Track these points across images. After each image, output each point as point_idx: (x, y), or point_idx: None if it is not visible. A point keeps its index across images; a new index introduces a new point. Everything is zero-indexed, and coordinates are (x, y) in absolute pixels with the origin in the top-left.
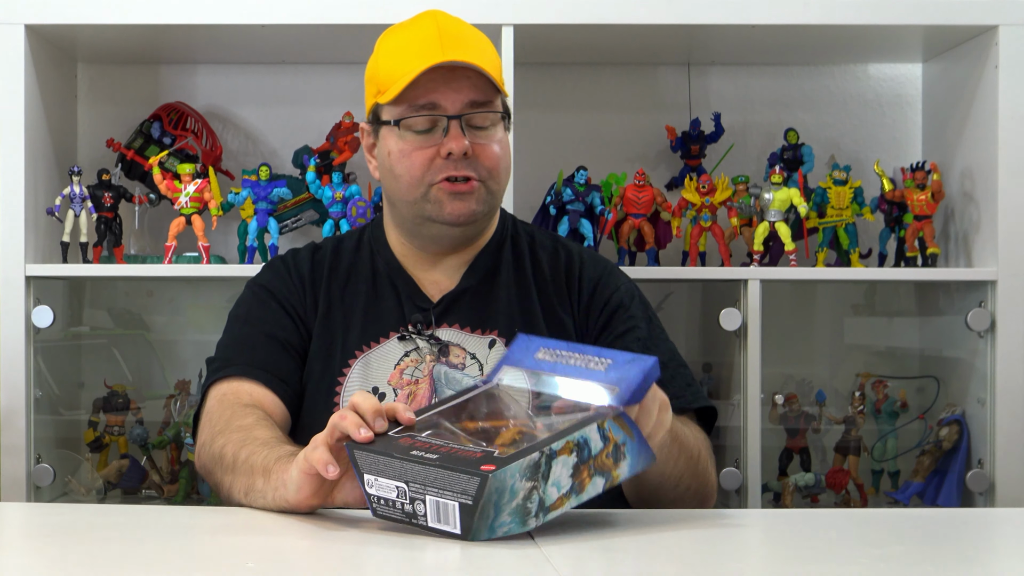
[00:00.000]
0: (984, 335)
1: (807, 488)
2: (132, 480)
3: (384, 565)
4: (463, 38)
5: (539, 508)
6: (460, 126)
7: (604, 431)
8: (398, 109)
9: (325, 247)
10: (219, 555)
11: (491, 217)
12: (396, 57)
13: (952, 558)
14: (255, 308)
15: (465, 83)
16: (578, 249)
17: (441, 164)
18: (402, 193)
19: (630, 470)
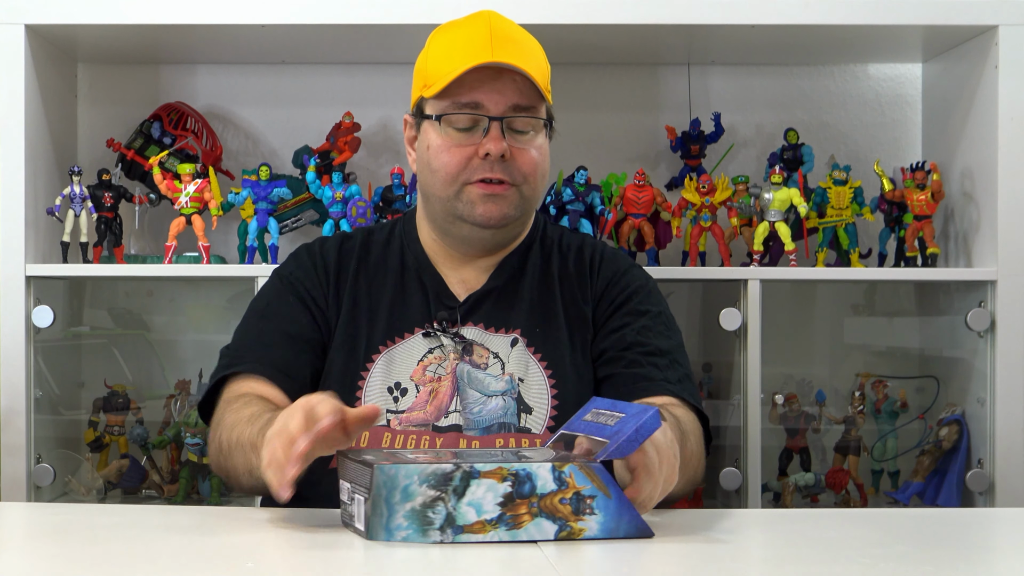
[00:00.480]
0: (984, 335)
1: (807, 488)
2: (132, 480)
3: (384, 565)
4: (514, 41)
5: (446, 523)
6: (501, 128)
7: (560, 473)
8: (442, 104)
9: (355, 237)
10: (219, 555)
11: (524, 222)
12: (446, 53)
13: (952, 558)
14: (274, 301)
15: (510, 86)
16: (601, 247)
17: (478, 164)
18: (437, 188)
19: (603, 531)
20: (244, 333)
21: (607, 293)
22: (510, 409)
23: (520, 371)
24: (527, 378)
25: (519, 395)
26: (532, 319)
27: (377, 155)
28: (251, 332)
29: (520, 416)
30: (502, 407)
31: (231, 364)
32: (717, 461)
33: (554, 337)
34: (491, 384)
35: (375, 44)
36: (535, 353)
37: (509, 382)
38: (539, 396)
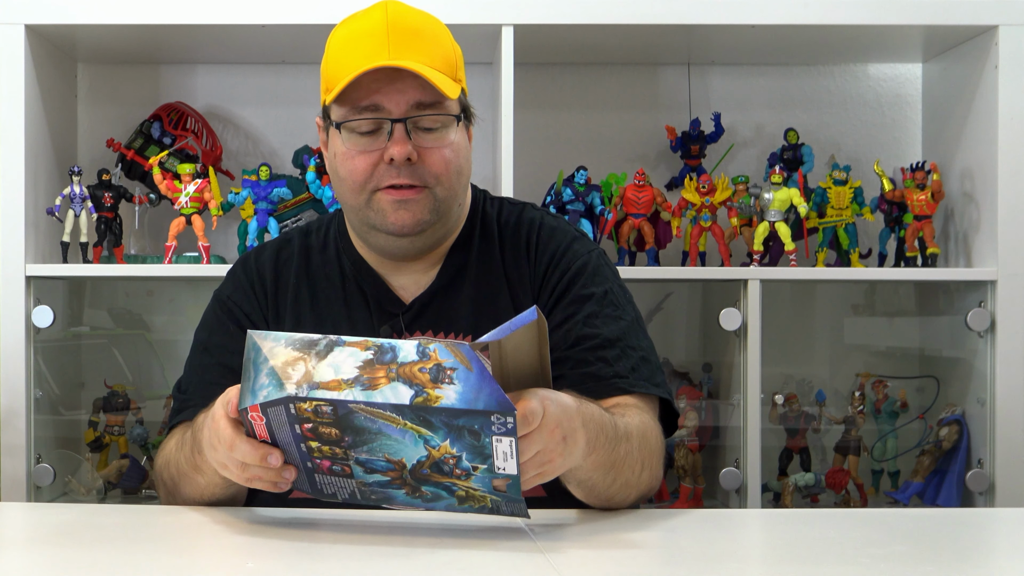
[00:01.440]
0: (984, 335)
1: (807, 488)
2: (132, 480)
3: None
4: (414, 32)
5: (303, 379)
6: (405, 129)
7: (424, 348)
8: (342, 110)
9: (292, 242)
10: (219, 555)
11: (445, 223)
12: (342, 53)
13: (952, 558)
14: (215, 332)
15: (411, 83)
16: (540, 219)
17: (384, 169)
18: (346, 197)
19: (461, 400)
20: (190, 369)
21: (547, 280)
22: None
23: None
24: None
25: None
26: (480, 317)
27: None
28: (196, 369)
29: None
30: None
31: (180, 409)
32: (717, 461)
33: None
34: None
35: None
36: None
37: None
38: None
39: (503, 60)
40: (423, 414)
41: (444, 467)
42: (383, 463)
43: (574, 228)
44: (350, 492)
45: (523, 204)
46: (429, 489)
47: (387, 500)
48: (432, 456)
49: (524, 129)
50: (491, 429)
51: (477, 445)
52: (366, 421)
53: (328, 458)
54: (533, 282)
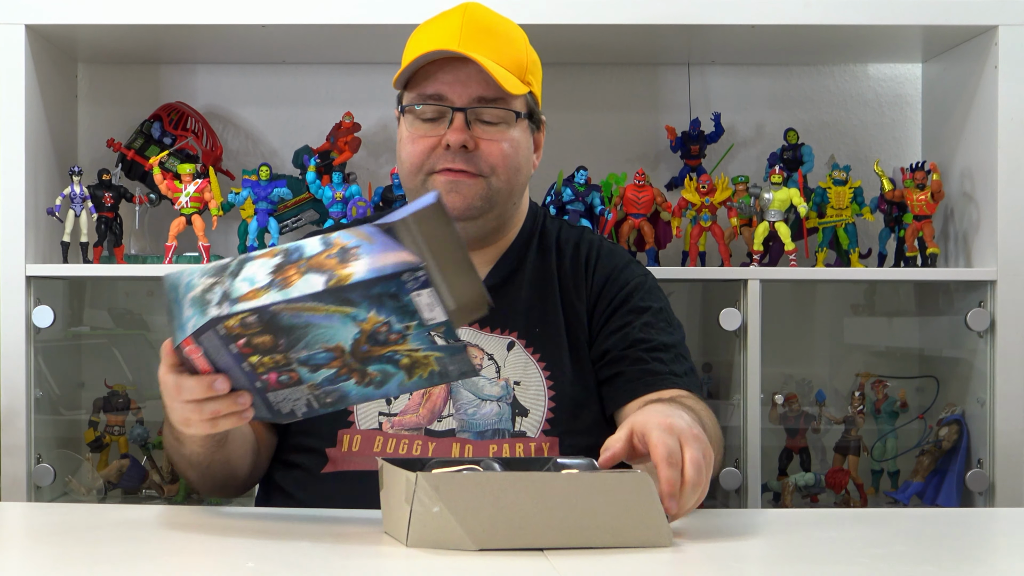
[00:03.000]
0: (984, 335)
1: (807, 488)
2: (132, 480)
3: (385, 565)
4: (487, 31)
5: (223, 299)
6: (464, 119)
7: (327, 238)
8: (410, 96)
9: None
10: (219, 555)
11: (500, 215)
12: (417, 45)
13: (952, 558)
14: None
15: (476, 77)
16: (599, 242)
17: (441, 154)
18: (405, 180)
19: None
20: None
21: (605, 292)
22: (504, 415)
23: (517, 374)
24: (524, 380)
25: (514, 399)
26: (530, 320)
27: (377, 155)
28: None
29: (515, 420)
30: (496, 412)
31: None
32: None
33: (552, 338)
34: (485, 387)
35: (375, 44)
36: (534, 354)
37: (504, 388)
38: (536, 398)
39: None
40: (340, 294)
41: (379, 336)
42: (323, 354)
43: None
44: (306, 403)
45: (582, 228)
46: (376, 368)
47: (342, 399)
48: (364, 329)
49: None
50: (407, 288)
51: (400, 305)
52: (292, 318)
53: (273, 369)
54: (589, 296)
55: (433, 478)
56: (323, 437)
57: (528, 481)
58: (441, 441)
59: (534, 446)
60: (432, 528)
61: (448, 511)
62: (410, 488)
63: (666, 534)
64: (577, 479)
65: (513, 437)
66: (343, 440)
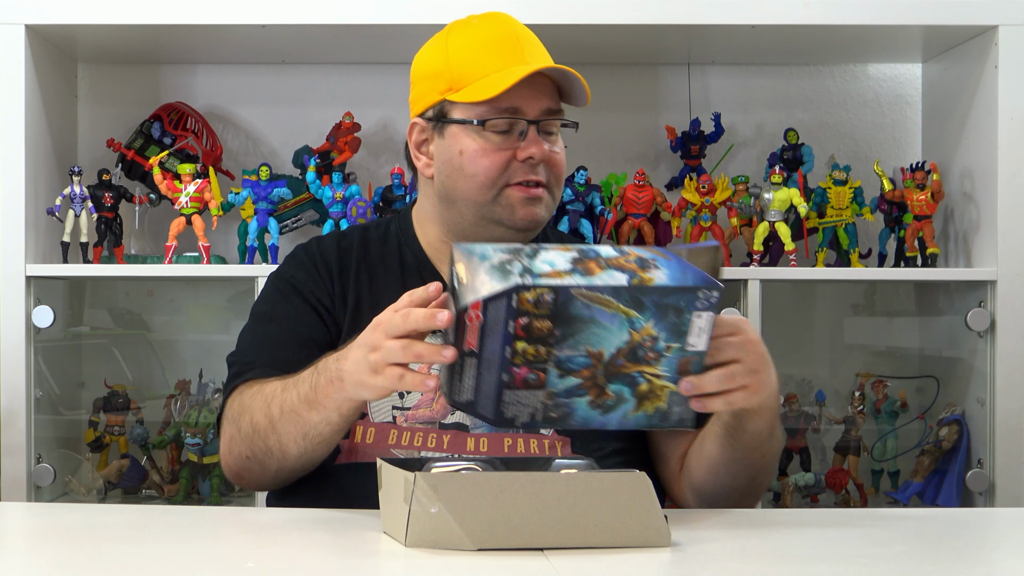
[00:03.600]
0: (984, 335)
1: (807, 488)
2: (132, 480)
3: (384, 567)
4: (535, 43)
5: (524, 271)
6: (536, 131)
7: (621, 248)
8: (479, 109)
9: (351, 235)
10: (219, 555)
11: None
12: (475, 56)
13: (952, 558)
14: (279, 304)
15: (544, 90)
16: None
17: (517, 167)
18: (472, 193)
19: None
20: (251, 338)
21: None
22: None
23: None
24: None
25: None
26: None
27: (377, 155)
28: (259, 336)
29: None
30: None
31: (241, 372)
32: None
33: None
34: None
35: (375, 44)
36: None
37: None
38: None
39: None
40: (638, 295)
41: (639, 351)
42: (583, 359)
43: None
44: (531, 412)
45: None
46: (614, 389)
47: (566, 418)
48: (632, 340)
49: None
50: (695, 305)
51: (677, 322)
52: (582, 308)
53: (527, 363)
54: None
55: (431, 478)
56: None
57: (526, 481)
58: (455, 434)
59: (547, 443)
60: (430, 528)
61: (446, 511)
62: (408, 488)
63: (664, 534)
64: (575, 479)
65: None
66: (356, 432)
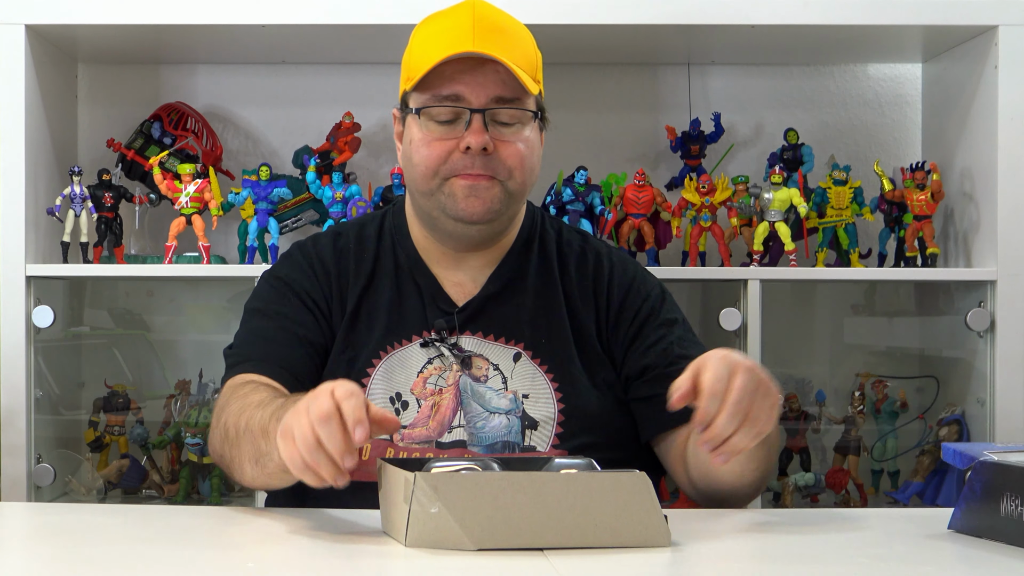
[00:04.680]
0: (984, 335)
1: (807, 488)
2: (132, 480)
3: (384, 567)
4: (499, 30)
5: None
6: (483, 121)
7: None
8: (423, 97)
9: (347, 234)
10: (219, 555)
11: (512, 217)
12: (427, 43)
13: (952, 558)
14: (274, 301)
15: (493, 77)
16: (606, 251)
17: (459, 158)
18: (418, 183)
19: None
20: (246, 333)
21: (628, 304)
22: (514, 427)
23: (525, 386)
24: (533, 392)
25: (523, 412)
26: (536, 330)
27: (377, 155)
28: (254, 331)
29: (524, 433)
30: (505, 425)
31: (236, 363)
32: None
33: (561, 349)
34: (493, 400)
35: (375, 44)
36: (541, 365)
37: (513, 400)
38: (545, 410)
39: None
40: None
41: None
42: None
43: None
44: None
45: (584, 232)
46: None
47: None
48: None
49: None
50: None
51: None
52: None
53: None
54: (608, 309)
55: (432, 478)
56: None
57: (526, 481)
58: (451, 453)
59: None
60: (430, 528)
61: (446, 511)
62: (408, 488)
63: (664, 534)
64: (575, 479)
65: (523, 452)
66: None
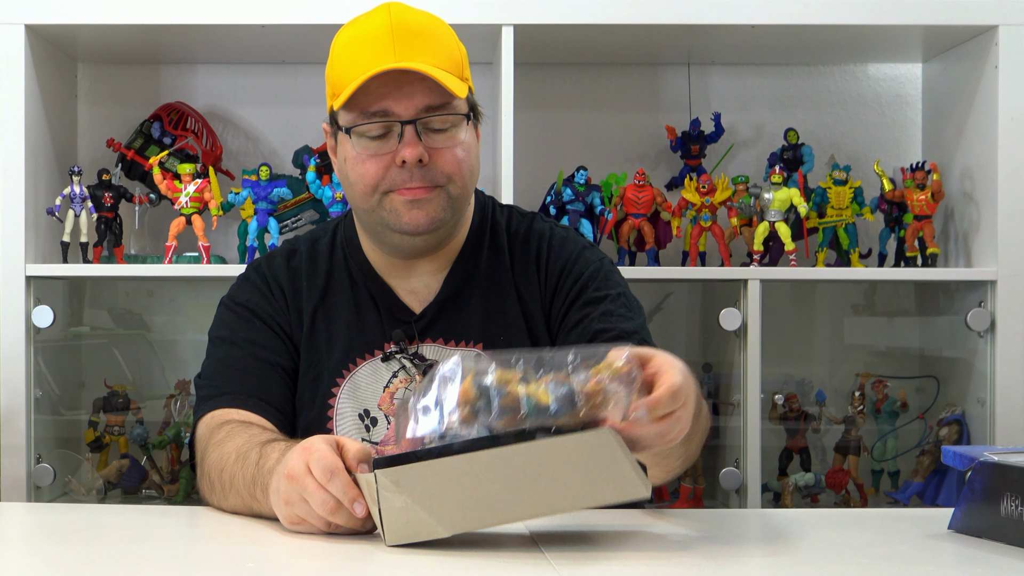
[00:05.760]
0: (984, 335)
1: (807, 488)
2: (132, 480)
3: (385, 565)
4: (418, 34)
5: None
6: (416, 132)
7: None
8: (351, 115)
9: (300, 252)
10: (219, 555)
11: (457, 222)
12: (348, 58)
13: (952, 558)
14: (240, 328)
15: (419, 87)
16: (550, 233)
17: (396, 172)
18: (358, 201)
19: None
20: (215, 364)
21: (561, 286)
22: None
23: None
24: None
25: None
26: (490, 327)
27: None
28: (223, 361)
29: None
30: None
31: (211, 396)
32: (717, 461)
33: (517, 343)
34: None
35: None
36: None
37: None
38: None
39: (503, 60)
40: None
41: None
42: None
43: (584, 238)
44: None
45: (532, 215)
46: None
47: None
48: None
49: (524, 129)
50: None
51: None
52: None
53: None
54: (545, 292)
55: (392, 473)
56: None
57: (486, 460)
58: None
59: None
60: (403, 522)
61: (413, 503)
62: (372, 488)
63: (640, 484)
64: (537, 448)
65: None
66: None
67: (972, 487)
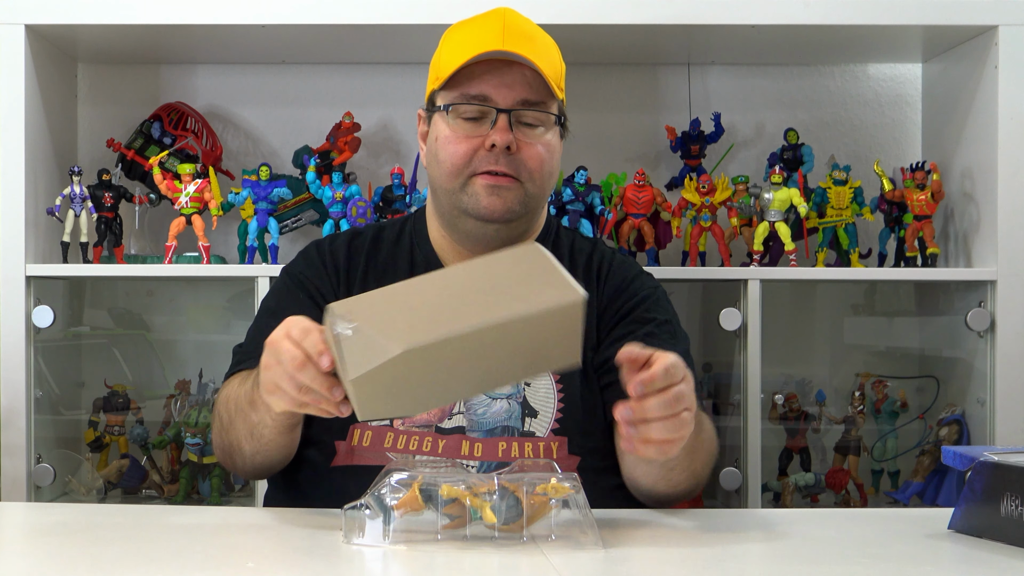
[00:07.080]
0: (984, 335)
1: (807, 488)
2: (132, 480)
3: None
4: (527, 36)
5: None
6: (508, 120)
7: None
8: (451, 95)
9: (365, 234)
10: (219, 555)
11: (530, 219)
12: (457, 44)
13: (952, 558)
14: (284, 299)
15: (520, 79)
16: (612, 254)
17: (484, 156)
18: (443, 180)
19: None
20: (255, 331)
21: (613, 303)
22: (514, 413)
23: None
24: (534, 381)
25: (524, 399)
26: None
27: (377, 155)
28: (261, 328)
29: (524, 420)
30: (506, 410)
31: (240, 361)
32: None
33: None
34: None
35: (375, 44)
36: None
37: (515, 386)
38: (545, 400)
39: None
40: None
41: None
42: None
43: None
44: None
45: (595, 239)
46: None
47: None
48: None
49: None
50: None
51: None
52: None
53: None
54: (599, 306)
55: (343, 304)
56: (334, 431)
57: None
58: (451, 438)
59: (543, 445)
60: (360, 349)
61: (366, 326)
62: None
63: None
64: (473, 265)
65: (522, 436)
66: (354, 434)
67: (972, 487)
